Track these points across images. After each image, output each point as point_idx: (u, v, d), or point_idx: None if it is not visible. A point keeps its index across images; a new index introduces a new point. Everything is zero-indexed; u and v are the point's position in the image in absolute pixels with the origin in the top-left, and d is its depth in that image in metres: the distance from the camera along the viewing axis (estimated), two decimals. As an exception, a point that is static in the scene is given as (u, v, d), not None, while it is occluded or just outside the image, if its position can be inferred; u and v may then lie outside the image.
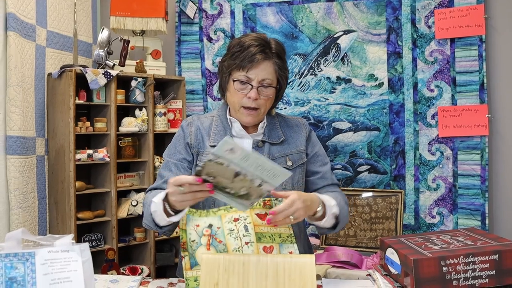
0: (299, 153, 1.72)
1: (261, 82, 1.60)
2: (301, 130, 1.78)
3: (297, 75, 3.07)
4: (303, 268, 1.24)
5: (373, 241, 2.70)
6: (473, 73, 2.77)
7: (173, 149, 1.71)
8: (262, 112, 1.66)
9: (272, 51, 1.62)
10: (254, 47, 1.59)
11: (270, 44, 1.63)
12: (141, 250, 2.92)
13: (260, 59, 1.59)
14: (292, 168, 1.68)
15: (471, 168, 2.77)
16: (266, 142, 1.69)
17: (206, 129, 1.70)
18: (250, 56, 1.58)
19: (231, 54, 1.63)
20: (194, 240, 1.47)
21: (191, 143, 1.68)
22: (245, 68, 1.59)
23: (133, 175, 2.94)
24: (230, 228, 1.48)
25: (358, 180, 2.98)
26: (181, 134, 1.72)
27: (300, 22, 3.06)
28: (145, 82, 2.88)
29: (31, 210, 2.56)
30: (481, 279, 1.35)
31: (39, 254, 1.15)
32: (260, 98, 1.61)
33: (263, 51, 1.60)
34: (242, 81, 1.60)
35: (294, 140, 1.74)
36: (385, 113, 2.93)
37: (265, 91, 1.62)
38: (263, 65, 1.60)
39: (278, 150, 1.70)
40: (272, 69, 1.62)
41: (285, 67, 1.67)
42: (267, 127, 1.72)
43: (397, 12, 2.91)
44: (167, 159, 1.70)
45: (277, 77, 1.65)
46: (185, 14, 3.20)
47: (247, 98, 1.61)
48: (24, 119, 2.48)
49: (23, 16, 2.48)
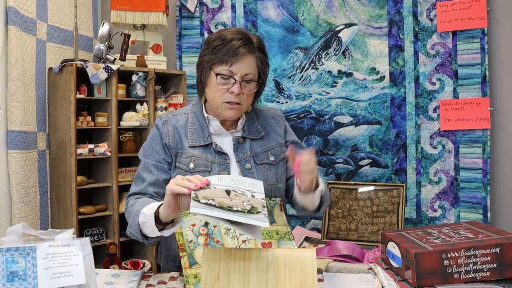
0: (280, 146, 1.71)
1: (243, 77, 1.57)
2: (279, 123, 1.77)
3: (298, 69, 3.06)
4: (304, 262, 1.24)
5: (375, 235, 2.70)
6: (475, 66, 2.75)
7: (150, 149, 1.65)
8: (244, 107, 1.63)
9: (254, 45, 1.59)
10: (237, 41, 1.55)
11: (251, 38, 1.60)
12: (142, 245, 2.93)
13: (244, 53, 1.55)
14: (275, 163, 1.67)
15: (472, 162, 2.77)
16: (246, 138, 1.67)
17: (183, 128, 1.65)
18: (233, 50, 1.54)
19: (212, 48, 1.58)
20: (191, 240, 1.47)
21: (169, 144, 1.63)
22: (228, 62, 1.55)
23: (134, 170, 2.94)
24: (226, 227, 1.48)
25: (360, 174, 2.98)
26: (157, 133, 1.66)
27: (301, 16, 3.05)
28: (146, 76, 2.88)
29: (33, 205, 2.56)
30: (482, 272, 1.34)
31: (40, 249, 1.15)
32: (243, 93, 1.58)
33: (246, 45, 1.56)
34: (224, 76, 1.56)
35: (273, 134, 1.73)
36: (387, 107, 2.93)
37: (247, 86, 1.59)
38: (247, 59, 1.56)
39: (259, 145, 1.68)
40: (255, 63, 1.59)
41: (266, 62, 1.64)
42: (246, 123, 1.69)
43: (398, 5, 2.90)
44: (145, 160, 1.64)
45: (259, 71, 1.61)
46: (185, 8, 3.19)
47: (230, 93, 1.56)
48: (25, 114, 2.48)
49: (23, 10, 2.47)
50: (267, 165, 1.66)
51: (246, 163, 1.63)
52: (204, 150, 1.62)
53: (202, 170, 1.59)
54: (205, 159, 1.61)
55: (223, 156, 1.62)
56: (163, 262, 1.76)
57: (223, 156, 1.62)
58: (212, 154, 1.62)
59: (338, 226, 2.77)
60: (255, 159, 1.65)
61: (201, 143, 1.63)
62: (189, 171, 1.59)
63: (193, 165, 1.60)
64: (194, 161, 1.60)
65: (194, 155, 1.61)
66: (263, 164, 1.66)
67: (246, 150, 1.64)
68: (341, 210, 2.78)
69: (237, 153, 1.64)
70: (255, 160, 1.65)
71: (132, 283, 1.49)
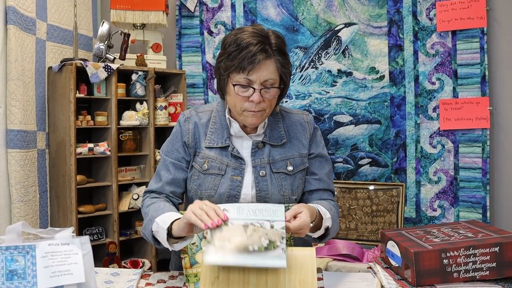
0: (301, 157, 1.61)
1: (263, 83, 1.46)
2: (305, 131, 1.65)
3: (298, 68, 3.06)
4: (303, 261, 1.24)
5: (374, 234, 2.70)
6: (474, 65, 2.76)
7: (171, 146, 1.63)
8: (267, 112, 1.53)
9: (273, 47, 1.47)
10: (253, 46, 1.44)
11: (270, 39, 1.48)
12: (142, 244, 2.93)
13: (261, 59, 1.44)
14: (293, 174, 1.59)
15: (472, 161, 2.77)
16: (266, 143, 1.59)
17: (204, 127, 1.61)
18: (250, 57, 1.43)
19: (228, 54, 1.48)
20: (194, 242, 1.47)
21: (188, 143, 1.60)
22: (245, 71, 1.44)
23: (134, 169, 2.94)
24: None
25: (359, 173, 2.98)
26: (178, 130, 1.63)
27: (301, 15, 3.05)
28: (145, 75, 2.88)
29: (32, 204, 2.56)
30: (481, 271, 1.35)
31: (40, 247, 1.15)
32: (264, 100, 1.48)
33: (263, 50, 1.44)
34: (243, 85, 1.47)
35: (296, 142, 1.62)
36: (386, 106, 2.93)
37: (268, 92, 1.48)
38: (265, 65, 1.45)
39: (279, 152, 1.59)
40: (274, 67, 1.48)
41: (287, 63, 1.53)
42: (269, 127, 1.61)
43: (398, 4, 2.90)
44: (165, 157, 1.62)
45: (280, 75, 1.50)
46: (185, 7, 3.19)
47: (250, 102, 1.48)
48: (24, 113, 2.48)
49: (23, 9, 2.47)
50: (284, 174, 1.58)
51: (261, 170, 1.56)
52: (221, 152, 1.58)
53: (215, 173, 1.56)
54: (220, 162, 1.56)
55: (239, 161, 1.56)
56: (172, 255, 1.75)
57: (239, 160, 1.56)
58: (228, 157, 1.57)
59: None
60: (272, 166, 1.57)
61: (219, 144, 1.58)
62: (202, 172, 1.56)
63: (206, 167, 1.56)
64: (208, 162, 1.57)
65: (210, 157, 1.57)
66: (279, 173, 1.58)
67: (263, 156, 1.57)
68: (340, 209, 2.78)
69: (254, 158, 1.57)
70: (272, 168, 1.57)
71: (132, 282, 1.49)
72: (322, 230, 1.47)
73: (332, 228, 1.50)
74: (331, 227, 1.49)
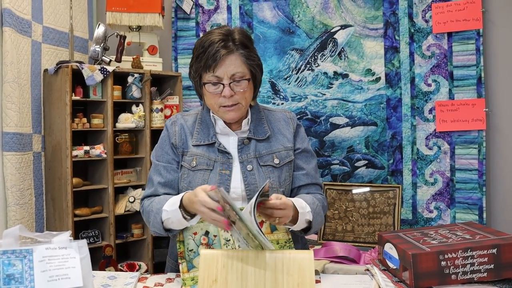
0: (286, 150, 1.66)
1: (231, 77, 1.54)
2: (289, 125, 1.71)
3: (294, 70, 3.07)
4: (301, 263, 1.24)
5: (371, 236, 2.71)
6: (470, 67, 2.77)
7: (160, 150, 1.68)
8: (244, 105, 1.59)
9: (236, 42, 1.55)
10: (215, 43, 1.52)
11: (233, 35, 1.56)
12: (138, 247, 2.92)
13: (224, 55, 1.51)
14: (279, 166, 1.63)
15: (468, 163, 2.78)
16: (252, 139, 1.64)
17: (190, 128, 1.67)
18: (212, 55, 1.51)
19: (196, 56, 1.58)
20: (192, 249, 1.48)
21: (175, 144, 1.65)
22: (211, 68, 1.52)
23: (130, 172, 2.94)
24: (226, 238, 1.49)
25: (356, 175, 2.99)
26: (166, 134, 1.69)
27: (297, 17, 3.05)
28: (141, 78, 2.87)
29: (28, 207, 2.55)
30: (479, 273, 1.35)
31: (37, 251, 1.14)
32: (236, 94, 1.55)
33: (225, 46, 1.52)
34: (213, 83, 1.55)
35: (281, 136, 1.68)
36: (382, 108, 2.93)
37: (238, 86, 1.55)
38: (229, 60, 1.53)
39: (265, 147, 1.64)
40: (240, 61, 1.55)
41: (253, 55, 1.59)
42: (253, 123, 1.66)
43: (394, 6, 2.90)
44: (156, 162, 1.67)
45: (248, 68, 1.57)
46: (181, 10, 3.18)
47: (223, 98, 1.55)
48: (20, 116, 2.47)
49: (18, 11, 2.46)
50: (271, 167, 1.63)
51: (248, 164, 1.61)
52: (207, 149, 1.62)
53: (203, 168, 1.60)
54: (208, 158, 1.61)
55: (226, 156, 1.61)
56: (167, 260, 1.77)
57: (226, 155, 1.61)
58: (215, 153, 1.61)
59: (334, 228, 2.77)
60: (259, 160, 1.62)
61: (205, 142, 1.63)
62: (191, 169, 1.61)
63: (195, 163, 1.61)
64: (197, 159, 1.61)
65: (197, 154, 1.62)
66: (267, 166, 1.62)
67: (250, 151, 1.62)
68: (337, 211, 2.78)
69: (241, 153, 1.62)
70: (259, 162, 1.62)
71: (129, 285, 1.48)
72: (303, 223, 1.52)
73: (314, 221, 1.56)
74: (313, 220, 1.55)
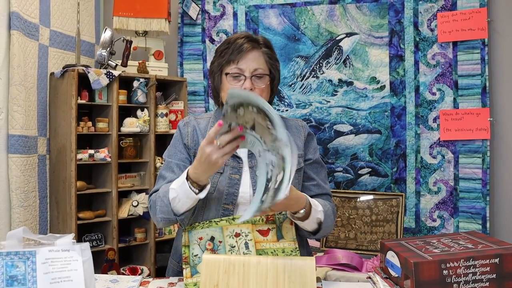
0: (297, 157, 1.65)
1: (253, 72, 1.57)
2: (300, 133, 1.72)
3: (299, 77, 3.07)
4: (303, 270, 1.24)
5: (374, 244, 2.70)
6: (475, 76, 2.77)
7: (173, 149, 1.68)
8: None
9: (260, 42, 1.62)
10: (241, 39, 1.59)
11: (257, 37, 1.63)
12: (141, 251, 2.93)
13: (249, 48, 1.57)
14: None
15: (472, 172, 2.77)
16: None
17: (202, 131, 1.67)
18: (238, 47, 1.57)
19: (219, 53, 1.63)
20: (196, 254, 1.47)
21: (188, 144, 1.65)
22: (235, 61, 1.57)
23: (134, 176, 2.94)
24: (231, 244, 1.48)
25: (359, 183, 2.98)
26: (178, 134, 1.69)
27: (303, 25, 3.06)
28: (147, 82, 2.89)
29: (32, 209, 2.56)
30: (481, 283, 1.34)
31: (40, 253, 1.15)
32: (255, 89, 1.57)
33: (251, 41, 1.59)
34: (234, 74, 1.58)
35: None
36: (387, 116, 2.93)
37: (259, 81, 1.59)
38: (253, 55, 1.58)
39: None
40: (263, 59, 1.60)
41: (275, 58, 1.65)
42: None
43: (399, 15, 2.91)
44: (168, 159, 1.67)
45: (269, 67, 1.62)
46: (187, 15, 3.20)
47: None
48: (26, 118, 2.48)
49: (26, 15, 2.49)
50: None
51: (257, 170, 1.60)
52: None
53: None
54: None
55: (236, 160, 1.60)
56: (169, 261, 1.76)
57: (237, 159, 1.61)
58: None
59: (337, 235, 2.76)
60: None
61: None
62: None
63: None
64: None
65: None
66: None
67: None
68: (340, 218, 2.78)
69: (251, 159, 1.61)
70: None
71: (131, 289, 1.48)
72: (314, 222, 1.52)
73: (324, 223, 1.55)
74: (324, 222, 1.55)
